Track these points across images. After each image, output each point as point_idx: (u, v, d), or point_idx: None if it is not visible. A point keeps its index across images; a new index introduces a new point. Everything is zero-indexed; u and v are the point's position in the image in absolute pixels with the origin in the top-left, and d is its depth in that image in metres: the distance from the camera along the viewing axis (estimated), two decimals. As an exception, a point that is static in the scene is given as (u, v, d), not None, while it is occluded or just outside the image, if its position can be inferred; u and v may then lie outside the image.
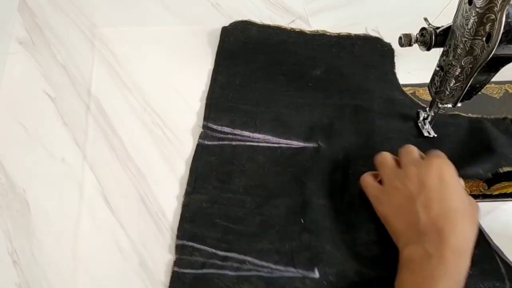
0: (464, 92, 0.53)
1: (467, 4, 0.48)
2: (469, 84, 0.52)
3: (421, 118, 0.61)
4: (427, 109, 0.60)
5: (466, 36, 0.49)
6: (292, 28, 0.73)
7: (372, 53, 0.70)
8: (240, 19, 0.75)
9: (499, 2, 0.44)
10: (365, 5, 0.81)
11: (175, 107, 0.64)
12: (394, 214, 0.48)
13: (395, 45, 0.61)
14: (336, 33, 0.73)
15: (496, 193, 0.57)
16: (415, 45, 0.55)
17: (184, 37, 0.74)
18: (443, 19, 0.54)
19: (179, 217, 0.53)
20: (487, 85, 0.57)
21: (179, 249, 0.50)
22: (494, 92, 0.68)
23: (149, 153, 0.59)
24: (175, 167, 0.58)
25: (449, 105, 0.56)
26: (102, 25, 0.75)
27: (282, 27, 0.74)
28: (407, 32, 0.55)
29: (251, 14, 0.78)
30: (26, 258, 0.50)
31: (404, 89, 0.67)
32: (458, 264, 0.43)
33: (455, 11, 0.51)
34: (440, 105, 0.57)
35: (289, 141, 0.60)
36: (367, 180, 0.52)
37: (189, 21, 0.77)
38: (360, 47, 0.71)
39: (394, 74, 0.68)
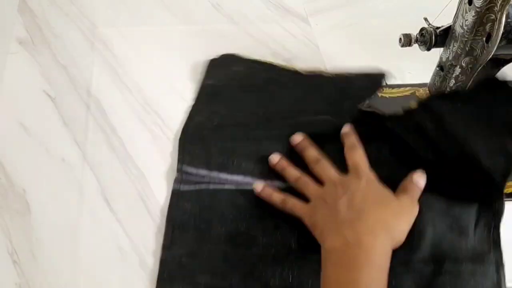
0: (464, 92, 0.53)
1: (467, 4, 0.48)
2: (469, 84, 0.52)
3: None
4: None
5: (466, 36, 0.49)
6: (285, 67, 0.67)
7: (367, 91, 0.64)
8: (240, 19, 0.75)
9: (499, 2, 0.44)
10: (365, 5, 0.81)
11: (175, 107, 0.64)
12: (320, 219, 0.48)
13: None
14: (333, 74, 0.66)
15: (496, 193, 0.57)
16: (415, 45, 0.55)
17: (184, 37, 0.74)
18: (443, 19, 0.54)
19: None
20: (487, 85, 0.57)
21: None
22: (494, 92, 0.68)
23: (149, 153, 0.59)
24: (175, 167, 0.58)
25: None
26: (102, 25, 0.75)
27: (274, 64, 0.68)
28: (407, 32, 0.55)
29: (251, 14, 0.78)
30: (26, 258, 0.50)
31: (404, 89, 0.67)
32: (375, 246, 0.44)
33: (455, 11, 0.51)
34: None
35: (271, 182, 0.54)
36: (294, 203, 0.51)
37: (189, 21, 0.77)
38: (358, 85, 0.64)
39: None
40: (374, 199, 0.48)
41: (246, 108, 0.62)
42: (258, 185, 0.53)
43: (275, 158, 0.55)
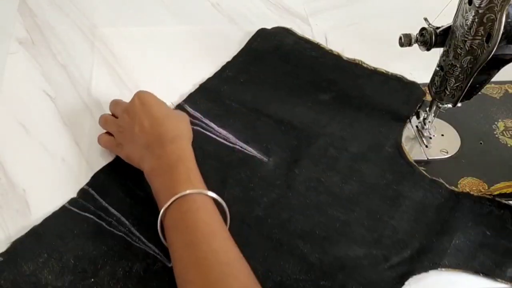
0: (464, 92, 0.53)
1: (467, 4, 0.48)
2: (469, 84, 0.52)
3: (421, 118, 0.61)
4: (427, 109, 0.60)
5: (466, 36, 0.49)
6: (331, 50, 0.71)
7: (396, 96, 0.65)
8: (240, 19, 0.75)
9: (499, 2, 0.44)
10: (365, 5, 0.81)
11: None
12: (130, 150, 0.54)
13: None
14: (373, 67, 0.69)
15: (496, 193, 0.57)
16: (415, 45, 0.55)
17: (184, 37, 0.74)
18: (443, 19, 0.54)
19: None
20: (487, 85, 0.57)
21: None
22: (494, 92, 0.68)
23: (149, 153, 0.59)
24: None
25: (449, 105, 0.56)
26: (102, 25, 0.75)
27: (321, 45, 0.72)
28: (407, 32, 0.55)
29: (251, 14, 0.78)
30: (26, 258, 0.50)
31: (404, 89, 0.68)
32: (183, 148, 0.51)
33: (455, 11, 0.51)
34: (440, 105, 0.57)
35: (244, 146, 0.59)
36: (103, 138, 0.58)
37: (189, 21, 0.77)
38: (390, 86, 0.67)
39: (402, 124, 0.62)
40: (157, 115, 0.53)
41: (276, 75, 0.67)
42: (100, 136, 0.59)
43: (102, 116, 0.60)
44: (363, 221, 0.53)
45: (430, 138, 0.61)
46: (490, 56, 0.47)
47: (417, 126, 0.62)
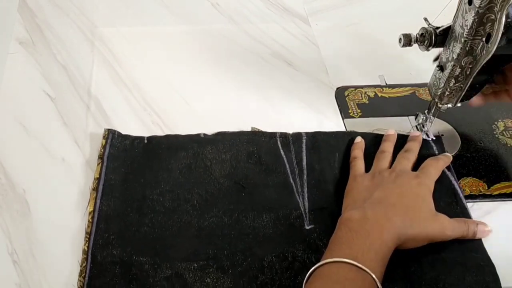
0: (464, 92, 0.53)
1: (467, 4, 0.48)
2: (469, 84, 0.52)
3: (420, 121, 0.61)
4: (426, 111, 0.60)
5: (466, 36, 0.49)
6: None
7: None
8: (240, 19, 0.75)
9: (499, 2, 0.44)
10: (364, 5, 0.81)
11: (175, 107, 0.64)
12: (356, 189, 0.53)
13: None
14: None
15: (496, 193, 0.57)
16: (415, 45, 0.55)
17: (184, 37, 0.74)
18: (443, 19, 0.54)
19: None
20: (487, 85, 0.57)
21: None
22: (494, 92, 0.68)
23: (149, 153, 0.59)
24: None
25: (449, 105, 0.56)
26: (102, 25, 0.75)
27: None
28: (407, 32, 0.55)
29: (251, 14, 0.78)
30: (26, 258, 0.50)
31: (404, 89, 0.68)
32: (388, 230, 0.46)
33: (455, 11, 0.51)
34: (440, 105, 0.57)
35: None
36: (357, 164, 0.56)
37: (189, 21, 0.77)
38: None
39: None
40: (411, 201, 0.49)
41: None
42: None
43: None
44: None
45: (431, 139, 0.60)
46: (490, 56, 0.47)
47: (416, 127, 0.62)
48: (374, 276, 0.42)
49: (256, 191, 0.55)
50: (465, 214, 0.54)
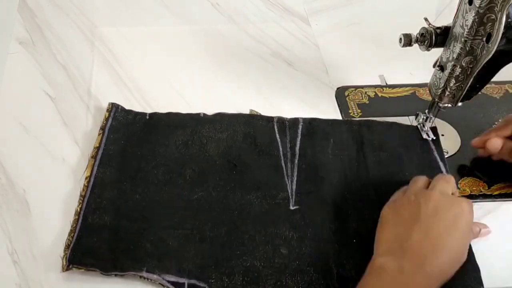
0: (464, 92, 0.53)
1: (467, 4, 0.48)
2: (469, 84, 0.52)
3: (420, 120, 0.61)
4: (426, 111, 0.60)
5: (466, 36, 0.49)
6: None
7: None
8: (240, 19, 0.75)
9: (499, 2, 0.44)
10: (365, 5, 0.81)
11: (175, 107, 0.64)
12: (393, 221, 0.47)
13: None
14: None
15: (496, 193, 0.57)
16: (415, 45, 0.55)
17: (184, 37, 0.74)
18: (443, 19, 0.54)
19: None
20: (487, 85, 0.57)
21: None
22: (494, 92, 0.68)
23: (149, 153, 0.59)
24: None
25: (449, 105, 0.56)
26: (102, 25, 0.75)
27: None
28: (407, 32, 0.55)
29: (251, 14, 0.78)
30: (26, 258, 0.50)
31: (404, 89, 0.68)
32: (426, 284, 0.43)
33: (455, 11, 0.51)
34: (440, 105, 0.57)
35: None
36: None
37: (189, 21, 0.77)
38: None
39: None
40: (449, 235, 0.45)
41: None
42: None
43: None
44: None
45: (431, 139, 0.60)
46: (490, 56, 0.47)
47: (417, 127, 0.62)
48: None
49: (247, 170, 0.57)
50: None
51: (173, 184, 0.55)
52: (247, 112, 0.63)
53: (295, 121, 0.61)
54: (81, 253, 0.49)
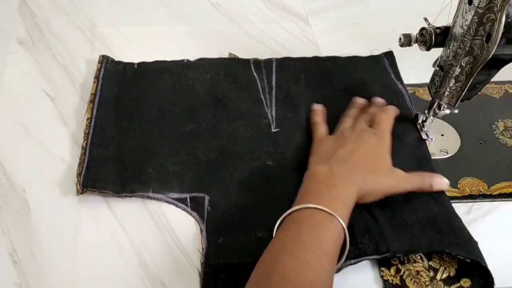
0: (464, 92, 0.53)
1: (467, 4, 0.48)
2: (469, 84, 0.52)
3: (420, 121, 0.61)
4: (426, 111, 0.60)
5: (466, 36, 0.49)
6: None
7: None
8: (240, 19, 0.75)
9: (499, 2, 0.44)
10: (365, 5, 0.81)
11: (175, 107, 0.64)
12: (321, 150, 0.56)
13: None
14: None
15: (496, 193, 0.57)
16: (415, 45, 0.55)
17: (184, 37, 0.74)
18: (443, 19, 0.54)
19: (178, 217, 0.53)
20: (487, 85, 0.57)
21: None
22: (494, 92, 0.68)
23: (149, 153, 0.59)
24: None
25: (447, 111, 0.56)
26: (102, 25, 0.75)
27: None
28: (407, 32, 0.55)
29: (251, 14, 0.78)
30: (26, 258, 0.50)
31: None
32: (353, 184, 0.50)
33: (455, 11, 0.51)
34: (437, 111, 0.57)
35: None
36: (320, 128, 0.60)
37: (189, 21, 0.77)
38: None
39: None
40: (370, 158, 0.53)
41: None
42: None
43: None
44: None
45: (431, 139, 0.60)
46: (490, 56, 0.47)
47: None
48: (341, 221, 0.46)
49: (231, 103, 0.63)
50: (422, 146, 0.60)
51: (167, 120, 0.61)
52: (227, 56, 0.70)
53: (269, 61, 0.69)
54: (92, 179, 0.54)
